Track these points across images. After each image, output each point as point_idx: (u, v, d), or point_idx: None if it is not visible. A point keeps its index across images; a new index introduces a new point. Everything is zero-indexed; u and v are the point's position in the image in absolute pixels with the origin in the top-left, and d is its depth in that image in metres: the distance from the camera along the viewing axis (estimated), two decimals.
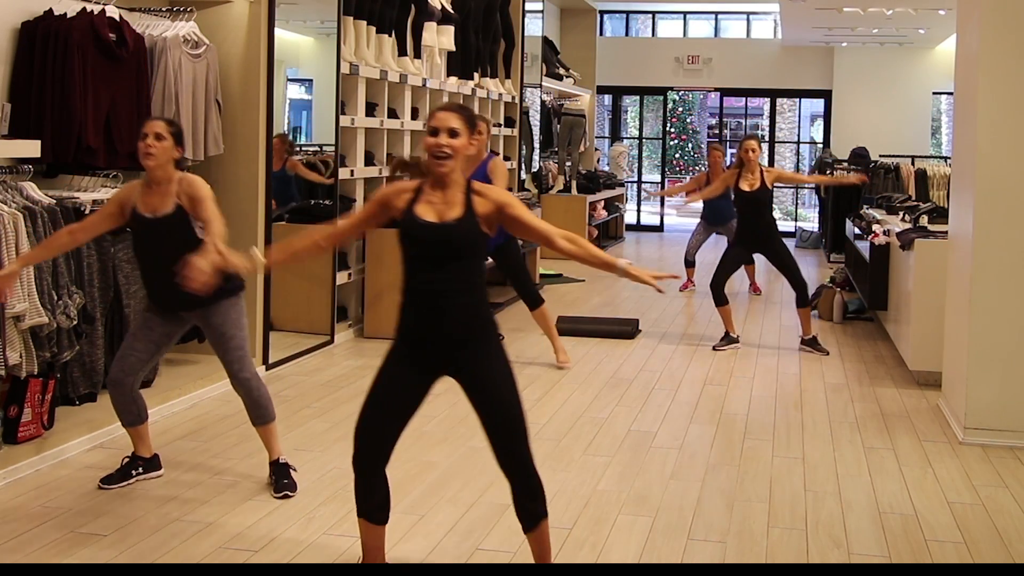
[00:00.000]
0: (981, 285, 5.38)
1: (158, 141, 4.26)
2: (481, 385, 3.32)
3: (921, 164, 13.02)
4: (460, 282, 3.27)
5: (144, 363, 4.43)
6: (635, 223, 17.73)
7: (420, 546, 3.88)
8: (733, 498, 4.49)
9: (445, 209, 3.28)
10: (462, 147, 3.28)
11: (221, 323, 4.36)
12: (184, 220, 4.26)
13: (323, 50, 8.14)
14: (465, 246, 3.27)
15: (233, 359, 4.38)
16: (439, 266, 3.26)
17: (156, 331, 4.40)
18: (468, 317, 3.28)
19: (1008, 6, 5.35)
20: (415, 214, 3.28)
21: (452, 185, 3.29)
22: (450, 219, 3.26)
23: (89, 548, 3.79)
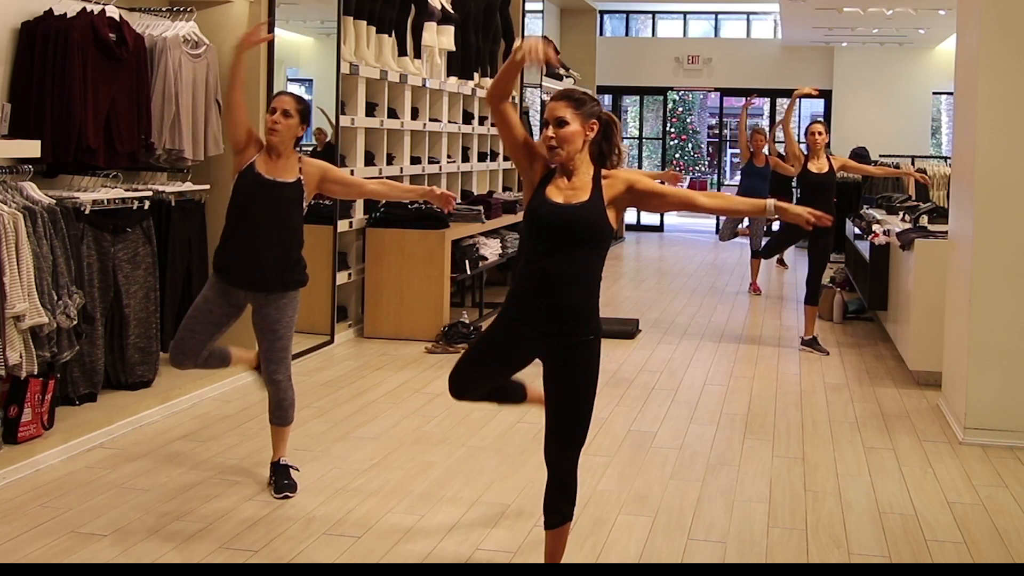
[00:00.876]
0: (981, 285, 5.38)
1: (285, 118, 4.30)
2: (564, 377, 3.32)
3: (921, 164, 13.02)
4: (579, 269, 3.25)
5: (204, 344, 4.41)
6: (635, 223, 17.72)
7: (420, 546, 3.89)
8: (733, 498, 4.49)
9: (572, 194, 3.26)
10: (573, 135, 3.24)
11: (277, 318, 4.35)
12: (299, 193, 4.33)
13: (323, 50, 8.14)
14: (588, 231, 3.24)
15: (275, 358, 4.38)
16: (561, 250, 3.24)
17: (216, 312, 4.37)
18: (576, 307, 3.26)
19: (1008, 6, 5.35)
20: (545, 194, 3.28)
21: (577, 171, 3.28)
22: (576, 202, 3.24)
23: (89, 548, 3.79)
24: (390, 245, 7.78)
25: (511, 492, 4.48)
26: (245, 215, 4.35)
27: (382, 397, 6.03)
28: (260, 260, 4.30)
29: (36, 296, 4.59)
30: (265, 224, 4.30)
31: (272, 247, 4.30)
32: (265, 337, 4.38)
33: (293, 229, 4.37)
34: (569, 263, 3.24)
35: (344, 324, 7.76)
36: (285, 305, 4.36)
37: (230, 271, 4.35)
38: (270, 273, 4.31)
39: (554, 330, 3.28)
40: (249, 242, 4.30)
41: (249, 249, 4.30)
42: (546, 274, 3.24)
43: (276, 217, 4.31)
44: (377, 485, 4.53)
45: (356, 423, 5.47)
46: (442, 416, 5.62)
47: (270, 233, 4.30)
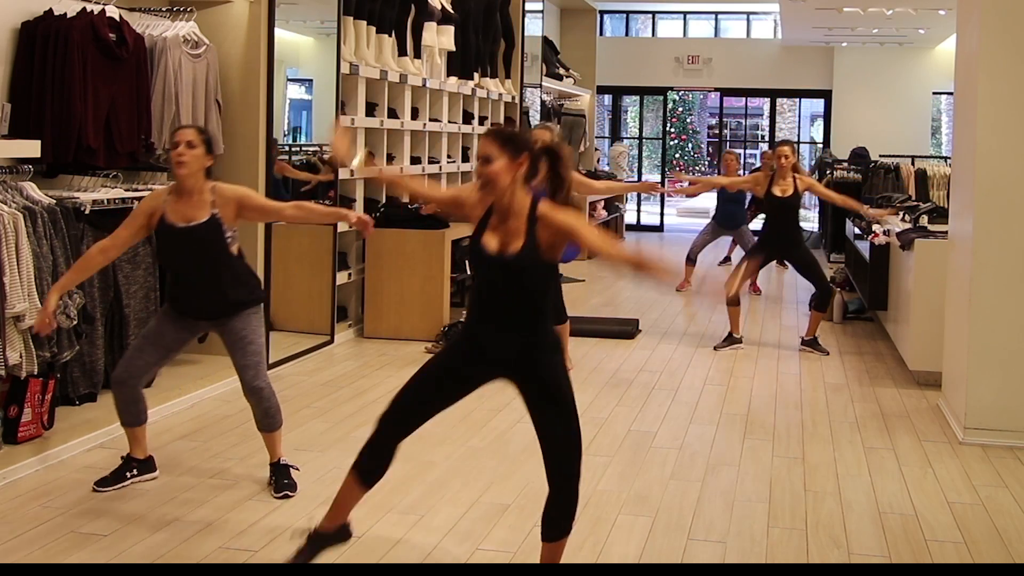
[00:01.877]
0: (981, 285, 5.38)
1: (189, 149, 4.23)
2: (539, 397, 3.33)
3: (921, 164, 13.01)
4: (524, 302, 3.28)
5: (151, 367, 4.44)
6: (635, 223, 17.72)
7: (420, 546, 3.88)
8: (733, 498, 4.49)
9: (508, 239, 3.24)
10: (499, 171, 3.21)
11: (242, 327, 4.34)
12: (218, 230, 4.25)
13: (323, 50, 8.14)
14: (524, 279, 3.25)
15: (250, 364, 4.36)
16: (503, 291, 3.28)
17: (168, 337, 4.39)
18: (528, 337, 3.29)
19: (1008, 6, 5.35)
20: (481, 241, 3.28)
21: (512, 211, 3.24)
22: (511, 252, 3.22)
23: (89, 548, 3.79)
24: (390, 245, 7.77)
25: (511, 492, 4.48)
26: (173, 263, 4.38)
27: (382, 397, 6.01)
28: (202, 296, 4.31)
29: (36, 296, 4.59)
30: (194, 269, 4.28)
31: (207, 285, 4.29)
32: (237, 347, 4.36)
33: (222, 265, 4.30)
34: (512, 302, 3.28)
35: (344, 324, 7.76)
36: (250, 316, 4.37)
37: (180, 304, 4.39)
38: (216, 308, 4.32)
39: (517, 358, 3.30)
40: (187, 285, 4.33)
41: (189, 290, 4.33)
42: (494, 310, 3.31)
43: (202, 258, 4.26)
44: (377, 485, 4.51)
45: (356, 423, 5.47)
46: (442, 416, 5.60)
47: (202, 275, 4.28)
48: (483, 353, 3.35)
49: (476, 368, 3.40)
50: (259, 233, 6.36)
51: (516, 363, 3.31)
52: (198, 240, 4.25)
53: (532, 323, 3.30)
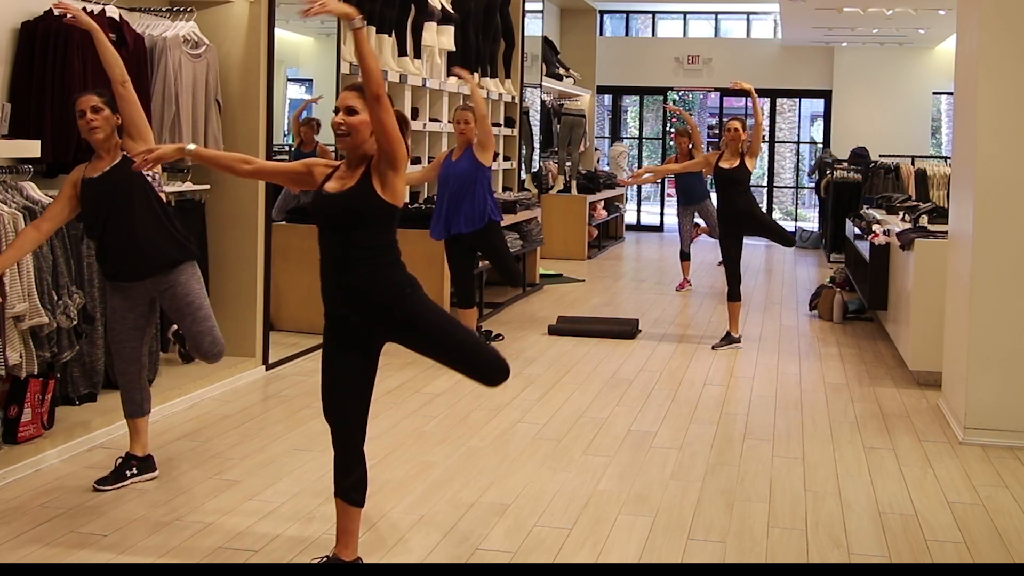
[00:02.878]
0: (981, 285, 5.38)
1: (96, 113, 4.30)
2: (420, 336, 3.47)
3: (921, 164, 13.01)
4: (364, 248, 3.37)
5: (139, 349, 4.45)
6: (635, 223, 17.72)
7: (420, 546, 3.88)
8: (733, 498, 4.49)
9: (345, 182, 3.40)
10: (360, 124, 3.37)
11: (185, 292, 4.37)
12: (128, 169, 4.22)
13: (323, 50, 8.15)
14: (350, 213, 3.36)
15: (203, 330, 4.39)
16: (343, 239, 3.38)
17: (129, 317, 4.42)
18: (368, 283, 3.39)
19: (1008, 6, 5.35)
20: (323, 188, 3.44)
21: (358, 160, 3.41)
22: (345, 188, 3.38)
23: (89, 548, 3.79)
24: None
25: (511, 492, 4.48)
26: (94, 219, 4.37)
27: (382, 397, 6.02)
28: (128, 256, 4.33)
29: (36, 296, 4.59)
30: (114, 220, 4.31)
31: (133, 238, 4.30)
32: (184, 313, 4.39)
33: (142, 211, 4.33)
34: (353, 247, 3.38)
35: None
36: (185, 280, 4.38)
37: (113, 269, 4.40)
38: (141, 262, 4.33)
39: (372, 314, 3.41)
40: (112, 244, 4.34)
41: (115, 251, 4.34)
42: (339, 264, 3.41)
43: (120, 208, 4.30)
44: (377, 485, 4.52)
45: None
46: (442, 416, 5.62)
47: (124, 226, 4.30)
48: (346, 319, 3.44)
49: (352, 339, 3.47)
50: (259, 233, 6.36)
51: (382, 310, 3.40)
52: (113, 185, 4.26)
53: (376, 266, 3.39)
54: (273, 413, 5.71)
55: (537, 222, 10.33)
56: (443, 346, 3.49)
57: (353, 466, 3.50)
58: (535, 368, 6.93)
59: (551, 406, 5.95)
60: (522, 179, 12.03)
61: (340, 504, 3.54)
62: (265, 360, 6.54)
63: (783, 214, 18.50)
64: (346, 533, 3.54)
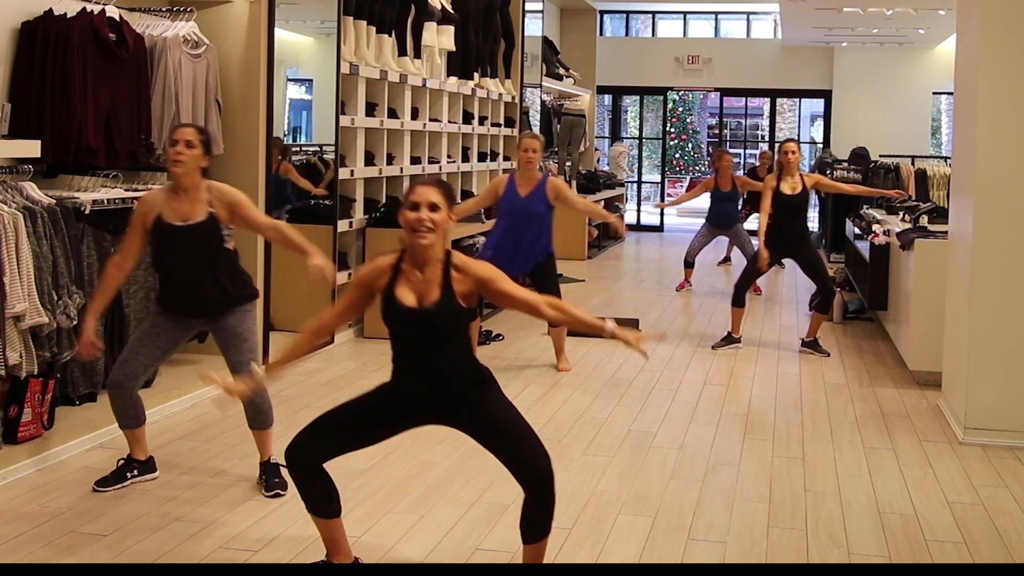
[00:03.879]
0: (981, 285, 5.38)
1: (188, 148, 4.24)
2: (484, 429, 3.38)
3: (921, 164, 13.01)
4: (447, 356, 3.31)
5: (147, 368, 4.44)
6: (635, 223, 17.73)
7: (420, 546, 3.88)
8: (733, 498, 4.49)
9: (424, 290, 3.27)
10: (442, 221, 3.24)
11: (237, 324, 4.36)
12: (216, 228, 4.27)
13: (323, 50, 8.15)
14: (445, 328, 3.28)
15: (243, 362, 4.35)
16: (424, 344, 3.31)
17: (163, 337, 4.39)
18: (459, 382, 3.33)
19: (1008, 6, 5.35)
20: (396, 298, 3.29)
21: (431, 262, 3.28)
22: (429, 303, 3.26)
23: (89, 548, 3.79)
24: (390, 245, 7.65)
25: (511, 492, 4.46)
26: (169, 263, 4.35)
27: None
28: (197, 299, 4.32)
29: (36, 296, 4.59)
30: (189, 268, 4.29)
31: (204, 283, 4.29)
32: (231, 344, 4.37)
33: (218, 263, 4.32)
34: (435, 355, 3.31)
35: (344, 324, 7.76)
36: (242, 313, 4.38)
37: (174, 305, 4.38)
38: (210, 306, 4.34)
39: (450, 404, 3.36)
40: (182, 286, 4.33)
41: (184, 292, 4.33)
42: (415, 366, 3.33)
43: (199, 257, 4.28)
44: (377, 485, 4.53)
45: None
46: None
47: (197, 274, 4.29)
48: (413, 405, 3.39)
49: (406, 418, 3.44)
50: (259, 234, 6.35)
51: (450, 410, 3.36)
52: (196, 239, 4.26)
53: (457, 370, 3.33)
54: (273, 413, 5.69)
55: None
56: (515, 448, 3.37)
57: (314, 480, 3.41)
58: (535, 368, 6.93)
59: (551, 406, 5.95)
60: None
61: (315, 518, 3.49)
62: (265, 360, 6.54)
63: None
64: (331, 542, 3.51)
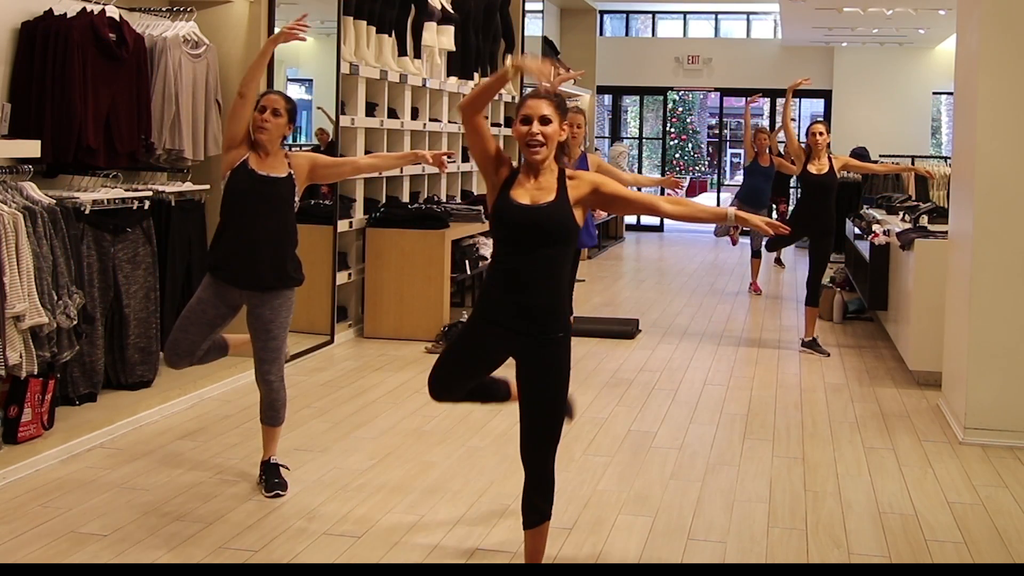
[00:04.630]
0: (981, 285, 5.38)
1: (275, 117, 4.32)
2: (536, 375, 3.35)
3: (921, 164, 13.01)
4: (547, 268, 3.29)
5: (197, 345, 4.42)
6: (635, 223, 17.73)
7: (420, 546, 3.88)
8: (733, 498, 4.49)
9: (539, 194, 3.30)
10: (554, 134, 3.30)
11: (271, 318, 4.36)
12: (292, 188, 4.37)
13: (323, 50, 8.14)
14: (555, 230, 3.28)
15: (268, 358, 4.38)
16: (529, 250, 3.27)
17: (210, 314, 4.38)
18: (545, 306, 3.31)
19: (1008, 6, 5.35)
20: (510, 196, 3.31)
21: (544, 172, 3.33)
22: (543, 202, 3.28)
23: (89, 548, 3.79)
24: (390, 245, 7.77)
25: (511, 492, 4.47)
26: (240, 212, 4.33)
27: (382, 397, 6.03)
28: (256, 256, 4.30)
29: (36, 296, 4.59)
30: (260, 220, 4.31)
31: (268, 243, 4.31)
32: (259, 337, 4.39)
33: (287, 225, 4.40)
34: (537, 262, 3.28)
35: (344, 324, 7.76)
36: (279, 306, 4.37)
37: (226, 268, 4.34)
38: (266, 270, 4.31)
39: (524, 328, 3.32)
40: (245, 238, 4.30)
41: (245, 245, 4.30)
42: (515, 273, 3.30)
43: (271, 212, 4.33)
44: (377, 485, 4.53)
45: (356, 423, 5.47)
46: (442, 416, 5.62)
47: (265, 228, 4.31)
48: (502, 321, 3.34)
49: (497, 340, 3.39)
50: None
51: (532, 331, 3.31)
52: (274, 193, 4.32)
53: (554, 290, 3.31)
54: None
55: None
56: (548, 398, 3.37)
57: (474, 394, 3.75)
58: None
59: None
60: None
61: None
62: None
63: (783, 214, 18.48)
64: None
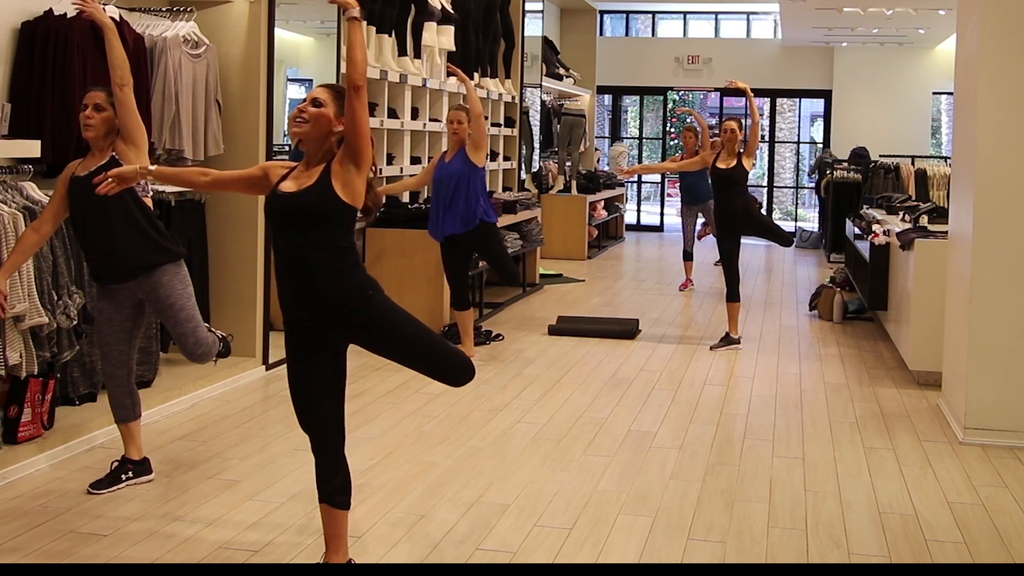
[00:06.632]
0: (981, 285, 5.38)
1: (97, 112, 4.28)
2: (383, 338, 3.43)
3: (921, 164, 13.02)
4: (322, 249, 3.31)
5: (126, 353, 4.41)
6: (635, 223, 17.73)
7: (420, 546, 3.88)
8: (733, 498, 4.49)
9: (303, 181, 3.35)
10: (326, 116, 3.34)
11: (167, 295, 4.34)
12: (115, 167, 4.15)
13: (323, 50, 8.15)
14: (319, 212, 3.30)
15: (186, 331, 4.36)
16: (302, 240, 3.32)
17: (115, 320, 4.38)
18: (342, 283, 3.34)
19: (1008, 6, 5.35)
20: (278, 188, 3.39)
21: (317, 163, 3.37)
22: (303, 187, 3.33)
23: (89, 548, 3.79)
24: (390, 245, 7.78)
25: (511, 492, 4.48)
26: (80, 220, 4.33)
27: (382, 397, 6.02)
28: (106, 256, 4.31)
29: (36, 296, 4.59)
30: (98, 220, 4.26)
31: (108, 240, 4.27)
32: (168, 316, 4.38)
33: (125, 213, 4.28)
34: (313, 248, 3.31)
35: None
36: (167, 282, 4.34)
37: (94, 270, 4.42)
38: (121, 264, 4.30)
39: (332, 317, 3.35)
40: (95, 243, 4.32)
41: (94, 249, 4.34)
42: (299, 267, 3.33)
43: (103, 208, 4.22)
44: (377, 485, 4.53)
45: (356, 423, 5.47)
46: (442, 416, 5.62)
47: (106, 226, 4.25)
48: (305, 323, 3.36)
49: (317, 343, 3.38)
50: (259, 233, 6.36)
51: (343, 313, 3.34)
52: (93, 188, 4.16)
53: (335, 269, 3.33)
54: (273, 413, 5.71)
55: (537, 222, 10.32)
56: (405, 348, 3.46)
57: (335, 470, 3.43)
58: (535, 368, 6.93)
59: (551, 406, 5.95)
60: (522, 179, 12.03)
61: (326, 509, 3.47)
62: (265, 360, 6.54)
63: (783, 214, 18.50)
64: (335, 538, 3.49)
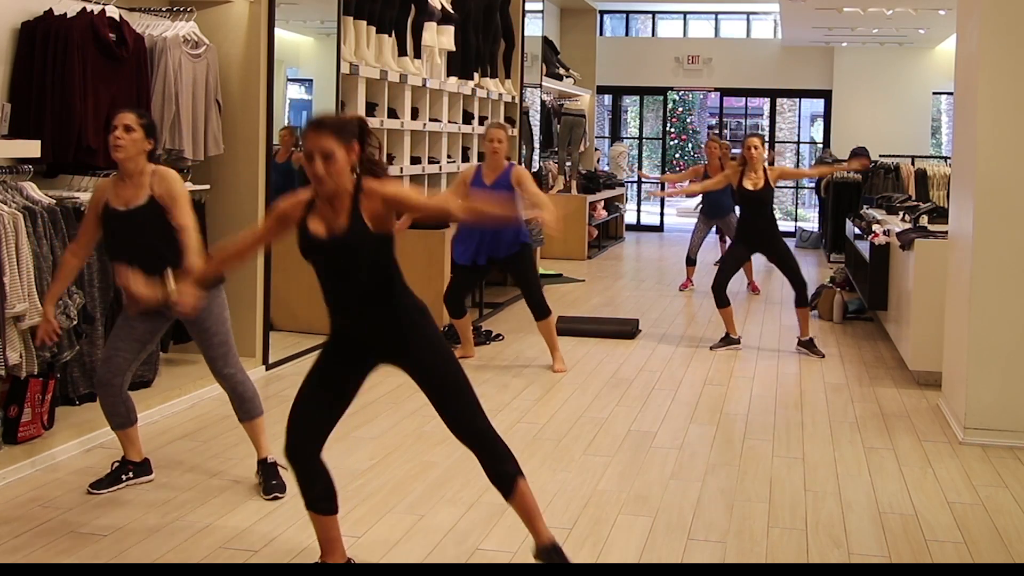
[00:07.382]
0: (981, 285, 5.38)
1: (127, 133, 4.22)
2: (422, 369, 3.36)
3: (921, 164, 13.01)
4: (369, 283, 3.27)
5: (131, 362, 4.38)
6: (635, 223, 17.73)
7: (420, 546, 3.88)
8: (733, 498, 4.49)
9: (332, 219, 3.23)
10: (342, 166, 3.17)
11: (204, 319, 4.32)
12: (158, 212, 4.21)
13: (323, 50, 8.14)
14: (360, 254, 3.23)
15: (216, 355, 4.35)
16: (346, 276, 3.27)
17: (138, 329, 4.35)
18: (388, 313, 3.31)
19: (1008, 6, 5.35)
20: (309, 231, 3.26)
21: (338, 196, 3.22)
22: (339, 231, 3.22)
23: (89, 548, 3.79)
24: None
25: None
26: (117, 249, 4.30)
27: (382, 397, 6.02)
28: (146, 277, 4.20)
29: (36, 296, 4.59)
30: (137, 252, 4.21)
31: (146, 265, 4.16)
32: (201, 339, 4.37)
33: (160, 247, 4.22)
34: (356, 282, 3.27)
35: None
36: (208, 304, 4.30)
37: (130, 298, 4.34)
38: None
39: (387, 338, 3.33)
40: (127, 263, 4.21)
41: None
42: (344, 298, 3.30)
43: (145, 241, 4.21)
44: (377, 485, 4.53)
45: (356, 423, 5.47)
46: None
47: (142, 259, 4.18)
48: (352, 344, 3.36)
49: (354, 362, 3.39)
50: None
51: (387, 342, 3.33)
52: (138, 224, 4.20)
53: (385, 297, 3.30)
54: (273, 413, 5.68)
55: (537, 222, 10.30)
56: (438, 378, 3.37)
57: (312, 479, 3.43)
58: (534, 368, 6.93)
59: (551, 406, 5.95)
60: None
61: (313, 516, 3.47)
62: (265, 360, 6.54)
63: (783, 214, 18.49)
64: (328, 542, 3.49)
